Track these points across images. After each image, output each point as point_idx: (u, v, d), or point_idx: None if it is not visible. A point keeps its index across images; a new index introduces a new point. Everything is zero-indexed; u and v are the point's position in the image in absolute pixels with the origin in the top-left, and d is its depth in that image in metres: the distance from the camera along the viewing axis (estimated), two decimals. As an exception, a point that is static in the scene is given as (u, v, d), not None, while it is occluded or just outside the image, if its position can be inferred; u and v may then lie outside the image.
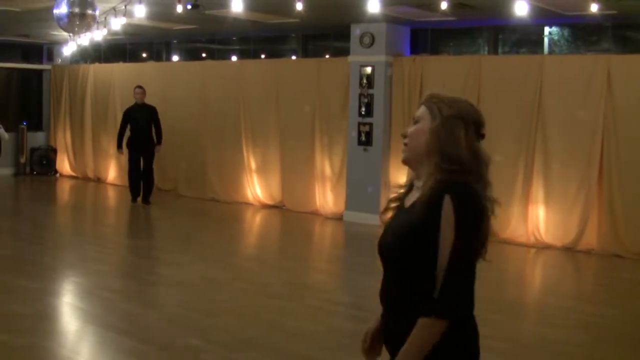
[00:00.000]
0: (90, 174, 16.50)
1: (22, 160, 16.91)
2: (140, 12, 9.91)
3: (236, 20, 11.31)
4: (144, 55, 16.79)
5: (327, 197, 12.25)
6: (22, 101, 17.78)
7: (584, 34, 11.15)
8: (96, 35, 11.80)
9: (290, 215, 12.51)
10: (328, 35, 13.71)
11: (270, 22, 11.87)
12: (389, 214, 2.73)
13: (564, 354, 6.07)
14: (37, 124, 17.68)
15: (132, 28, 12.66)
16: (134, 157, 13.24)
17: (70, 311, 7.09)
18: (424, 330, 2.46)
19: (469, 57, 11.32)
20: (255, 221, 12.56)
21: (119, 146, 13.41)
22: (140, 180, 13.26)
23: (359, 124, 11.60)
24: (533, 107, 10.09)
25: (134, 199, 13.31)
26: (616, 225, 9.64)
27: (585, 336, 6.60)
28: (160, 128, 13.32)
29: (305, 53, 14.09)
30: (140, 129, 13.15)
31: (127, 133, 13.38)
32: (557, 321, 6.90)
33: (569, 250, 9.83)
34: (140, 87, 13.31)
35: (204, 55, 15.97)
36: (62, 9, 8.70)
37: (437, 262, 2.46)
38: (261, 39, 14.72)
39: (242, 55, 15.11)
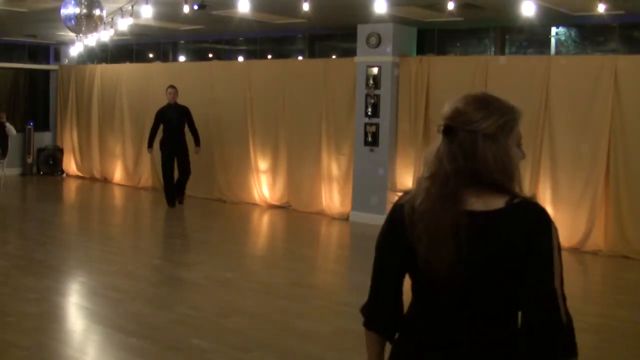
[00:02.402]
0: (97, 174, 16.52)
1: (29, 160, 16.95)
2: (147, 12, 9.92)
3: (243, 20, 11.32)
4: (151, 55, 16.81)
5: (333, 198, 12.25)
6: (29, 101, 17.82)
7: (591, 35, 11.13)
8: (103, 35, 11.82)
9: (296, 215, 12.51)
10: (335, 35, 13.71)
11: (276, 22, 11.87)
12: None
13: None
14: (44, 124, 17.72)
15: (138, 28, 12.68)
16: (168, 158, 12.86)
17: (76, 311, 7.10)
18: None
19: (475, 57, 11.30)
20: (261, 221, 12.56)
21: (150, 145, 13.07)
22: (174, 184, 12.93)
23: (366, 124, 11.59)
24: (540, 108, 10.07)
25: (171, 204, 12.89)
26: (623, 226, 9.61)
27: (593, 338, 6.57)
28: (196, 129, 12.94)
29: (311, 53, 14.09)
30: (174, 129, 12.79)
31: (160, 134, 13.12)
32: (564, 322, 6.87)
33: (576, 251, 9.80)
34: (172, 86, 12.96)
35: (210, 55, 15.98)
36: (69, 10, 8.72)
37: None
38: (268, 40, 14.72)
39: (249, 55, 15.11)
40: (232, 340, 6.10)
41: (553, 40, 11.38)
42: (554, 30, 11.32)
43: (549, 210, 10.14)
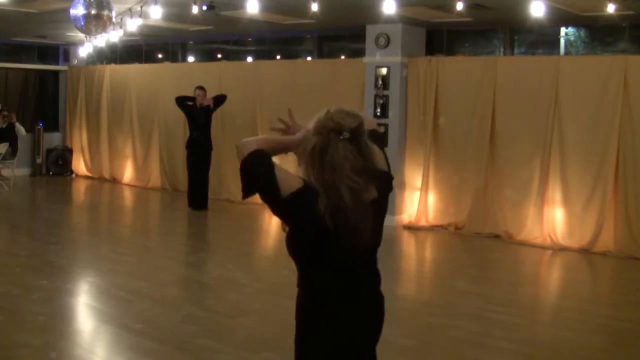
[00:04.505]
0: (106, 175, 16.56)
1: (39, 160, 17.00)
2: (156, 13, 9.92)
3: (251, 21, 11.31)
4: (160, 56, 16.83)
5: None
6: (39, 102, 17.88)
7: (600, 35, 11.09)
8: (112, 36, 11.83)
9: (305, 216, 12.46)
10: (343, 36, 13.69)
11: (285, 23, 11.87)
12: None
13: (581, 357, 6.03)
14: (53, 125, 17.78)
15: (148, 29, 12.68)
16: (195, 159, 12.71)
17: (85, 311, 7.11)
18: None
19: (484, 58, 11.28)
20: (271, 222, 12.54)
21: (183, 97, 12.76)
22: (198, 185, 12.74)
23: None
24: (549, 108, 10.05)
25: (195, 206, 12.73)
26: (632, 227, 9.57)
27: (602, 339, 6.56)
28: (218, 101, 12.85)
29: (320, 54, 14.09)
30: (201, 130, 12.62)
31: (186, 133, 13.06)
32: (573, 324, 6.87)
33: (585, 252, 9.77)
34: (200, 87, 12.69)
35: (219, 56, 15.98)
36: (78, 10, 8.72)
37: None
38: (276, 40, 14.73)
39: (258, 56, 15.11)
40: (241, 340, 6.11)
41: (562, 41, 11.35)
42: (563, 30, 11.29)
43: (558, 210, 10.13)
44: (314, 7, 8.87)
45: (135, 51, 16.91)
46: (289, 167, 2.93)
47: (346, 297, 2.85)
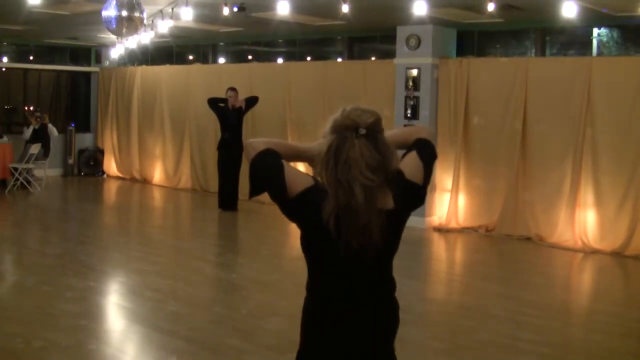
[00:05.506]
0: (137, 175, 16.66)
1: (70, 161, 17.16)
2: (187, 14, 9.98)
3: (282, 22, 11.34)
4: (191, 57, 16.91)
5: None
6: (71, 103, 18.09)
7: (633, 36, 10.98)
8: (143, 37, 11.91)
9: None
10: (374, 37, 13.68)
11: (316, 24, 11.88)
12: None
13: (613, 360, 5.97)
14: (85, 126, 17.93)
15: (178, 30, 12.75)
16: (226, 160, 12.69)
17: (116, 310, 7.16)
18: None
19: (516, 59, 11.20)
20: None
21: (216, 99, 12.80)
22: (229, 186, 12.75)
23: (405, 126, 11.54)
24: (581, 110, 9.95)
25: (225, 207, 12.77)
26: (666, 230, 9.46)
27: (634, 343, 6.49)
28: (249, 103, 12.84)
29: (351, 55, 14.08)
30: (233, 131, 12.59)
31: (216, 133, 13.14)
32: (604, 328, 6.80)
33: (618, 255, 9.66)
34: (232, 89, 12.72)
35: (250, 57, 16.03)
36: (110, 12, 8.80)
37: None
38: (307, 42, 14.74)
39: (288, 57, 15.14)
40: (268, 340, 6.12)
41: (595, 42, 11.25)
42: (595, 31, 11.19)
43: (589, 213, 10.00)
44: (345, 8, 8.86)
45: (166, 52, 17.01)
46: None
47: (352, 302, 2.76)
